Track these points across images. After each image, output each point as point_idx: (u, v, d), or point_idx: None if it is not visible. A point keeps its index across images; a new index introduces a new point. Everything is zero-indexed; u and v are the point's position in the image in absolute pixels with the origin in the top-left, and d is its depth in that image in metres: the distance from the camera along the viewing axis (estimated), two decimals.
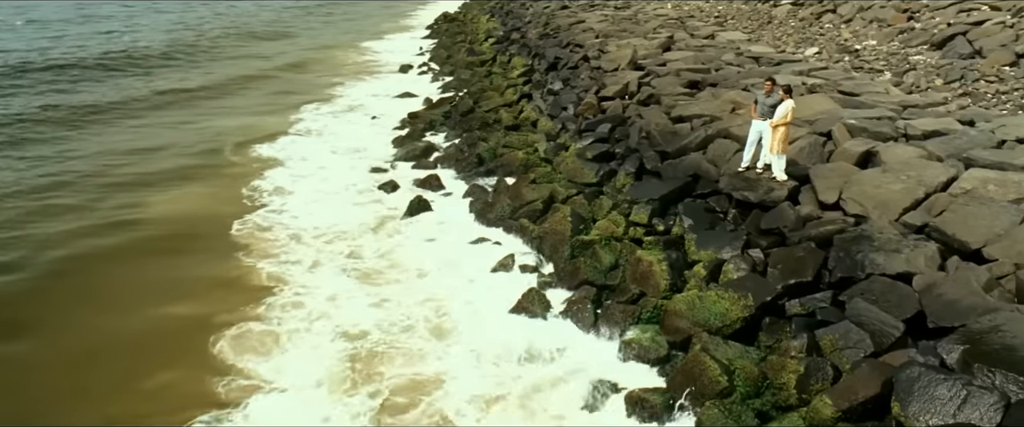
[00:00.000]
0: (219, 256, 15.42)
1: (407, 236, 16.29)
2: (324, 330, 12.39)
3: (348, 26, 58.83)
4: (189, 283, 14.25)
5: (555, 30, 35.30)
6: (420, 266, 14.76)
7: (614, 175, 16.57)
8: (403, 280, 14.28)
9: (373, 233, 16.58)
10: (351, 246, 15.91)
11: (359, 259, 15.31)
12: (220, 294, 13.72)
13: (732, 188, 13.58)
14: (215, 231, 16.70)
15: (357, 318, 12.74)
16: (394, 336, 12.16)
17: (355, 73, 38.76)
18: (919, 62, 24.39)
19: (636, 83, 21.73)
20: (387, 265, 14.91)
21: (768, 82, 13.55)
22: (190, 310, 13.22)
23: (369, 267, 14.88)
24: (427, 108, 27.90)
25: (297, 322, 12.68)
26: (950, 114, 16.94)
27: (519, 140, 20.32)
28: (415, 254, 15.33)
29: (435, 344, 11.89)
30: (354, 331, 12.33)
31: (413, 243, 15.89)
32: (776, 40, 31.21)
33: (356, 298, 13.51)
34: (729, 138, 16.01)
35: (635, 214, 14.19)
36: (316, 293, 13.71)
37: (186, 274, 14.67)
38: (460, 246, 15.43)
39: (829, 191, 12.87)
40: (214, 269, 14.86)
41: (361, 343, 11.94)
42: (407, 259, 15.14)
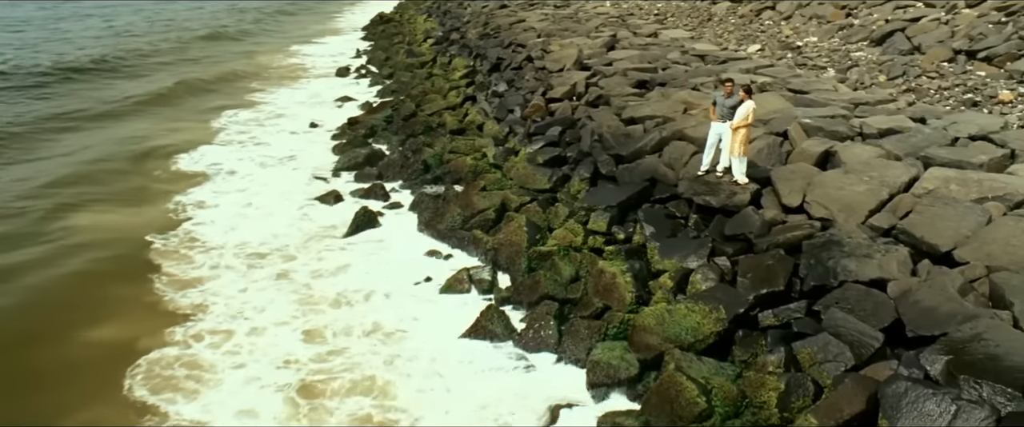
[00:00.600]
0: (140, 277, 14.22)
1: (350, 252, 15.30)
2: (256, 363, 11.30)
3: (277, 29, 56.58)
4: (107, 307, 13.09)
5: (495, 30, 34.63)
6: (365, 286, 13.77)
7: (568, 180, 15.99)
8: (346, 302, 13.25)
9: (314, 249, 15.50)
10: (287, 265, 14.76)
11: (297, 280, 14.15)
12: (140, 320, 12.60)
13: (693, 193, 13.12)
14: (136, 251, 15.45)
15: (293, 349, 11.65)
16: (336, 370, 11.10)
17: (287, 78, 37.15)
18: (861, 58, 24.54)
19: (584, 84, 21.23)
20: (329, 286, 13.83)
21: (727, 83, 13.13)
22: (107, 336, 12.10)
23: (308, 289, 13.76)
24: (367, 113, 26.90)
25: (224, 354, 11.54)
26: (900, 111, 16.89)
27: (466, 145, 19.59)
28: (360, 272, 14.38)
29: (383, 375, 10.95)
30: (290, 364, 11.25)
31: (357, 260, 14.93)
32: (717, 37, 31.18)
33: (292, 325, 12.41)
34: (684, 140, 15.59)
35: (593, 222, 13.62)
36: (246, 320, 12.59)
37: (104, 297, 13.51)
38: (409, 262, 14.60)
39: (792, 194, 12.51)
40: (134, 292, 13.70)
41: (298, 377, 10.90)
42: (351, 279, 14.14)
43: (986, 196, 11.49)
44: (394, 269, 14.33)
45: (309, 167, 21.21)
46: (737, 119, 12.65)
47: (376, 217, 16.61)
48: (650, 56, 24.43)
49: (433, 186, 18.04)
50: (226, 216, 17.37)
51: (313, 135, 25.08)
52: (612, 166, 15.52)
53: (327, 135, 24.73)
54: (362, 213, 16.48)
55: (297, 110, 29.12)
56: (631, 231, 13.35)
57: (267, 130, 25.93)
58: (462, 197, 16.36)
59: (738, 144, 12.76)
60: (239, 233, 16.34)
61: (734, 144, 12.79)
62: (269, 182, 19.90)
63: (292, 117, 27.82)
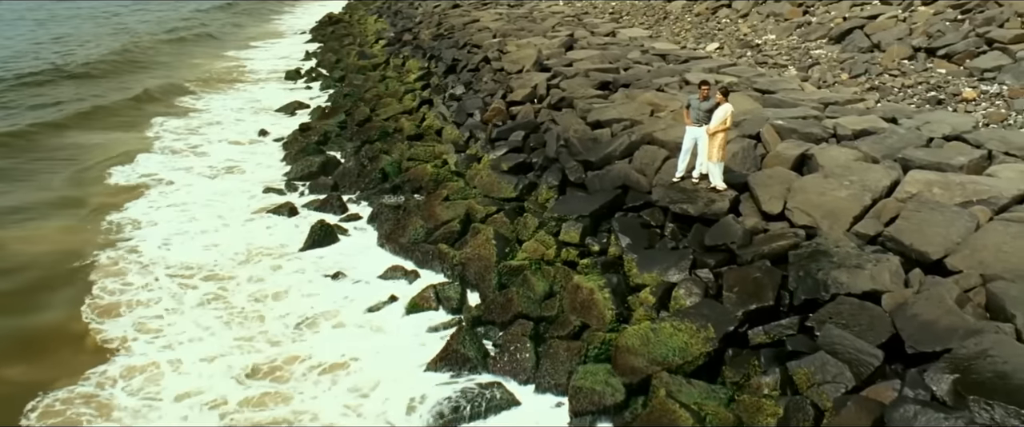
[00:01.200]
0: (64, 303, 13.08)
1: (305, 271, 14.29)
2: (179, 406, 10.07)
3: (219, 32, 54.27)
4: (21, 338, 11.97)
5: (449, 30, 33.81)
6: (320, 308, 12.81)
7: (535, 188, 15.29)
8: (295, 330, 12.15)
9: (262, 269, 14.39)
10: (230, 288, 13.57)
11: (239, 305, 12.97)
12: (56, 352, 11.47)
13: (669, 201, 12.54)
14: (64, 273, 14.27)
15: (225, 390, 10.35)
16: (274, 419, 9.86)
17: (231, 82, 35.59)
18: (821, 56, 24.38)
19: (545, 85, 20.58)
20: (277, 311, 12.72)
21: (703, 86, 12.58)
22: (11, 374, 10.95)
23: (253, 316, 12.58)
24: (319, 118, 25.80)
25: (143, 400, 10.21)
26: (870, 111, 16.61)
27: (425, 151, 18.74)
28: (314, 293, 13.39)
29: (334, 421, 9.87)
30: (218, 408, 10.04)
31: (312, 279, 13.91)
32: (675, 36, 30.87)
33: (227, 360, 11.17)
34: (654, 144, 15.03)
35: (565, 233, 12.94)
36: (174, 354, 11.34)
37: (20, 326, 12.36)
38: (370, 280, 13.73)
39: (772, 201, 12.01)
40: (56, 319, 12.58)
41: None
42: (303, 301, 13.10)
43: (970, 200, 11.13)
44: (353, 288, 13.44)
45: (259, 178, 20.12)
46: (715, 123, 12.10)
47: (334, 231, 15.68)
48: (610, 56, 23.91)
49: (392, 196, 17.16)
50: (164, 233, 16.11)
51: (262, 143, 23.93)
52: (581, 173, 14.87)
53: (277, 143, 23.61)
54: (318, 227, 15.54)
55: (244, 117, 27.81)
56: (606, 242, 12.71)
57: (211, 139, 24.43)
58: (424, 208, 15.55)
59: (716, 149, 12.23)
60: (178, 252, 15.14)
61: (712, 149, 12.25)
62: (214, 195, 18.72)
63: (238, 124, 26.51)
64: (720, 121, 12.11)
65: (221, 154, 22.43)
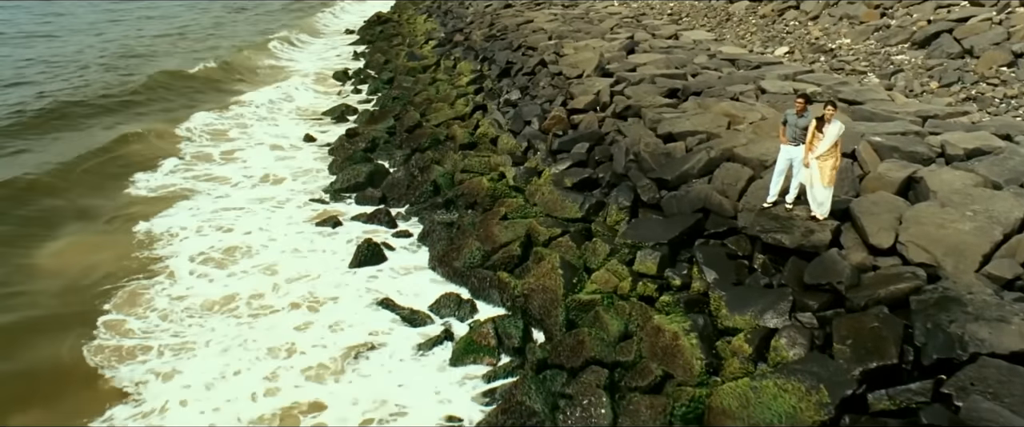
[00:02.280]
0: (81, 336, 11.90)
1: (352, 298, 13.14)
2: None
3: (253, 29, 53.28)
4: (24, 382, 10.82)
5: (502, 31, 32.58)
6: (366, 343, 11.65)
7: (602, 208, 13.92)
8: (343, 373, 10.98)
9: (305, 292, 13.34)
10: (270, 321, 12.36)
11: (280, 336, 11.85)
12: (61, 402, 10.32)
13: (760, 229, 11.07)
14: (84, 299, 13.10)
15: None
16: None
17: (277, 83, 34.37)
18: (904, 62, 22.54)
19: (608, 92, 19.20)
20: (323, 350, 11.51)
21: (800, 100, 11.07)
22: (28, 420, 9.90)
23: (296, 353, 11.42)
24: (367, 123, 24.76)
25: None
26: (977, 125, 14.89)
27: (480, 163, 17.49)
28: (360, 325, 12.23)
29: None
30: None
31: (360, 310, 12.74)
32: (739, 39, 29.18)
33: (260, 407, 10.08)
34: (736, 161, 13.56)
35: (640, 262, 11.55)
36: (200, 406, 10.22)
37: (27, 366, 11.22)
38: (421, 309, 12.51)
39: (881, 233, 10.47)
40: (68, 357, 11.44)
41: None
42: (353, 334, 11.95)
43: None
44: (401, 321, 12.22)
45: (303, 188, 19.12)
46: (827, 143, 10.60)
47: (382, 250, 14.53)
48: (676, 60, 22.41)
49: (445, 212, 15.95)
50: (199, 249, 15.14)
51: (307, 149, 22.94)
52: (654, 192, 13.47)
53: (323, 150, 22.61)
54: (366, 246, 14.40)
55: (288, 120, 26.83)
56: (687, 274, 11.29)
57: (252, 144, 23.44)
58: (481, 227, 14.30)
59: (829, 171, 10.72)
60: (213, 275, 14.08)
61: (824, 173, 10.72)
62: (253, 205, 17.76)
63: (282, 128, 25.53)
64: (831, 142, 10.60)
65: (262, 161, 21.45)
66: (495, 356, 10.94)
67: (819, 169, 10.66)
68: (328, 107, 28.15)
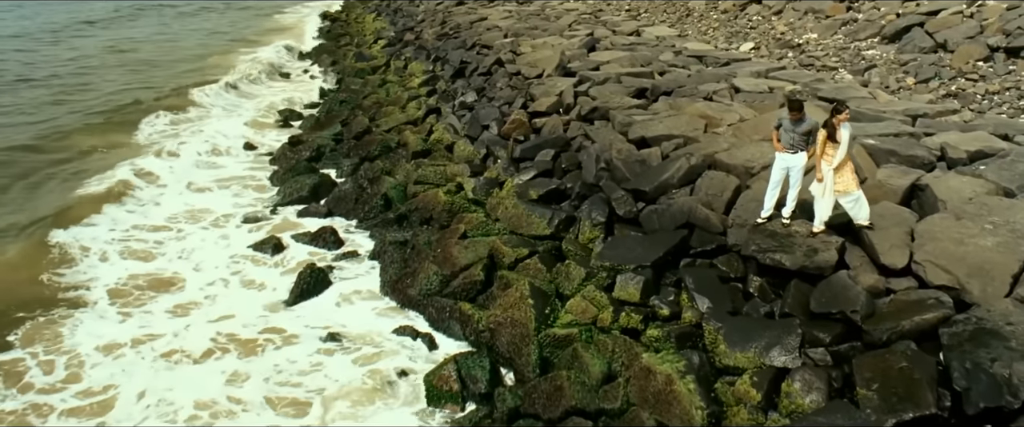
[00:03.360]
0: None
1: (288, 334, 11.50)
2: None
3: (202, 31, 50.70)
4: None
5: (455, 29, 31.05)
6: (309, 392, 10.02)
7: (573, 224, 12.52)
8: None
9: (235, 331, 11.63)
10: (188, 373, 10.59)
11: (206, 387, 10.14)
12: None
13: (756, 248, 9.76)
14: None
15: None
16: None
17: (218, 86, 31.87)
18: (875, 57, 21.64)
19: (572, 93, 17.82)
20: (255, 400, 9.87)
21: (794, 107, 9.79)
22: None
23: (224, 413, 9.73)
24: (312, 128, 23.00)
25: None
26: (971, 124, 13.89)
27: (435, 173, 15.95)
28: (301, 371, 10.57)
29: None
30: None
31: (299, 351, 11.04)
32: (702, 35, 28.15)
33: None
34: (719, 168, 12.30)
35: (621, 288, 10.17)
36: None
37: None
38: (373, 346, 10.96)
39: (894, 250, 9.25)
40: None
41: None
42: (287, 386, 10.28)
43: None
44: (351, 361, 10.64)
45: (240, 202, 17.33)
46: (842, 150, 9.36)
47: (326, 276, 12.91)
48: (641, 58, 21.17)
49: (397, 229, 14.40)
50: (115, 278, 13.29)
51: (247, 159, 21.09)
52: (631, 205, 12.11)
53: (264, 159, 20.78)
54: (308, 273, 12.76)
55: (227, 126, 24.61)
56: (674, 301, 9.94)
57: (188, 152, 21.06)
58: (438, 247, 12.77)
59: (851, 174, 9.50)
60: (131, 311, 12.21)
61: (838, 179, 9.47)
62: (184, 225, 15.91)
63: (221, 136, 23.45)
64: (845, 150, 9.36)
65: (197, 173, 19.48)
66: (459, 403, 9.45)
67: (836, 179, 9.39)
68: (272, 111, 26.15)
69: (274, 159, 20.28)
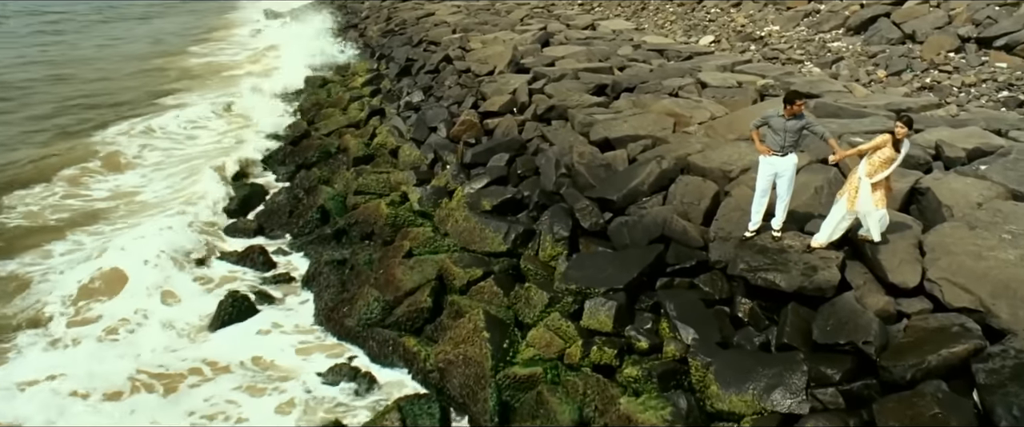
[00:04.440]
0: None
1: (206, 370, 9.86)
2: None
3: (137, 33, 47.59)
4: None
5: (401, 25, 29.44)
6: None
7: (532, 238, 11.08)
8: None
9: (149, 366, 9.99)
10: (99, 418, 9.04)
11: None
12: None
13: (747, 268, 8.44)
14: None
15: None
16: None
17: (154, 89, 29.88)
18: (842, 49, 20.72)
19: (526, 90, 16.39)
20: None
21: (795, 103, 8.48)
22: None
23: None
24: None
25: None
26: (959, 119, 12.86)
27: (378, 181, 14.36)
28: (217, 413, 9.00)
29: None
30: None
31: (215, 392, 9.43)
32: (659, 28, 27.03)
33: None
34: (693, 172, 11.00)
35: (590, 316, 8.77)
36: None
37: None
38: (305, 387, 9.37)
39: (904, 267, 8.02)
40: None
41: None
42: None
43: None
44: (274, 408, 9.04)
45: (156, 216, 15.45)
46: (895, 165, 8.13)
47: (252, 303, 11.25)
48: (598, 52, 19.86)
49: (335, 246, 12.81)
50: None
51: (176, 164, 19.15)
52: (597, 216, 10.72)
53: (193, 163, 18.89)
54: (230, 301, 11.08)
55: (162, 131, 22.52)
56: (652, 329, 8.58)
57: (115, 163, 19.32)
58: (380, 268, 11.22)
59: (883, 190, 8.23)
60: (20, 346, 10.52)
61: (879, 193, 8.18)
62: (93, 240, 14.08)
63: (159, 138, 21.38)
64: (886, 155, 8.10)
65: (119, 181, 17.57)
66: None
67: (871, 191, 8.09)
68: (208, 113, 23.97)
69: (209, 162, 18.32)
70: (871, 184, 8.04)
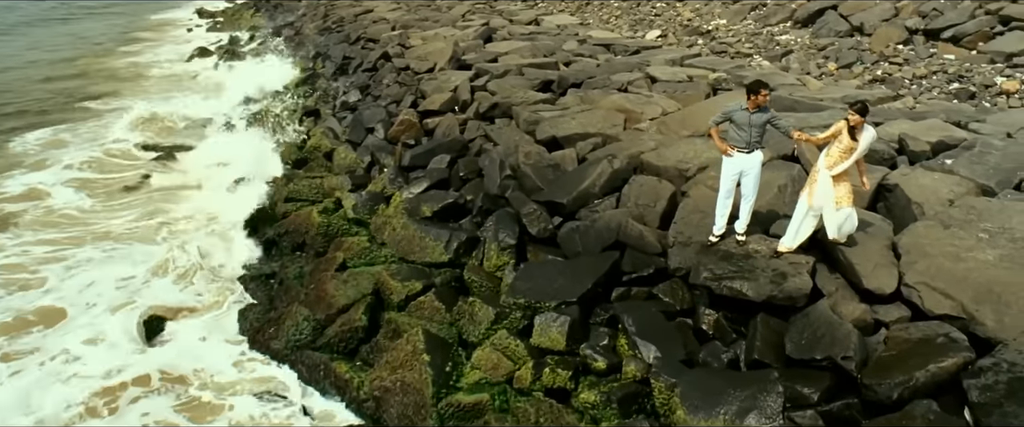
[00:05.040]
0: None
1: (119, 404, 8.79)
2: None
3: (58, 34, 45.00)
4: None
5: (338, 23, 28.27)
6: None
7: (477, 247, 10.22)
8: None
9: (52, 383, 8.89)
10: None
11: None
12: None
13: (711, 277, 7.72)
14: None
15: None
16: None
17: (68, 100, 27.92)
18: (791, 42, 20.36)
19: (468, 88, 15.53)
20: None
21: (756, 90, 7.78)
22: None
23: None
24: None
25: None
26: (917, 112, 12.44)
27: (310, 187, 13.32)
28: None
29: None
30: None
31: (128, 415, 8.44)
32: (604, 23, 26.45)
33: None
34: (647, 172, 10.28)
35: (540, 333, 7.96)
36: None
37: None
38: (229, 413, 8.37)
39: (879, 271, 7.40)
40: None
41: None
42: None
43: None
44: None
45: None
46: (857, 155, 7.44)
47: (161, 322, 10.14)
48: (543, 48, 19.11)
49: (264, 259, 11.75)
50: None
51: (90, 172, 17.71)
52: (546, 221, 9.91)
53: (110, 170, 17.50)
54: (145, 320, 9.96)
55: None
56: (609, 346, 7.80)
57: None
58: (311, 282, 10.22)
59: (848, 186, 7.56)
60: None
61: (843, 188, 7.52)
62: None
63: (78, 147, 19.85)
64: (845, 145, 7.43)
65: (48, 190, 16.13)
66: None
67: (833, 184, 7.44)
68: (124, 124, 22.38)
69: (122, 169, 17.00)
70: (831, 177, 7.41)
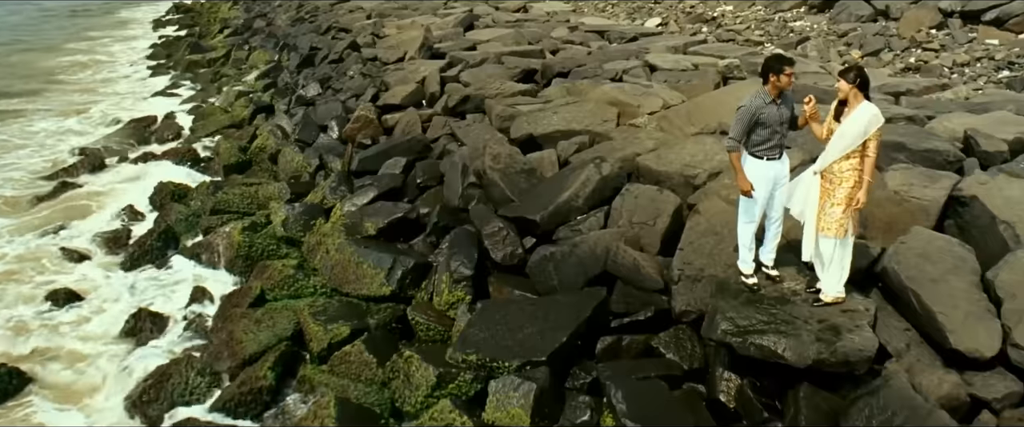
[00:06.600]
0: None
1: None
2: None
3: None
4: None
5: (312, 13, 26.06)
6: None
7: (427, 276, 8.01)
8: None
9: None
10: None
11: None
12: None
13: (731, 329, 5.50)
14: None
15: None
16: None
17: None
18: (807, 29, 18.18)
19: (437, 78, 13.31)
20: None
21: (778, 68, 5.57)
22: None
23: None
24: None
25: None
26: (974, 103, 10.24)
27: (242, 197, 11.09)
28: None
29: None
30: None
31: None
32: (600, 12, 24.27)
33: None
34: (645, 179, 8.08)
35: (498, 405, 5.78)
36: None
37: None
38: None
39: (969, 324, 5.21)
40: None
41: None
42: None
43: None
44: None
45: None
46: (848, 144, 5.29)
47: (22, 375, 7.92)
48: (529, 35, 16.92)
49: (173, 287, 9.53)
50: None
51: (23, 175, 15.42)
52: (514, 244, 7.68)
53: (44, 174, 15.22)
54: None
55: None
56: (590, 422, 5.59)
57: None
58: (218, 322, 8.01)
59: (843, 209, 5.38)
60: None
61: (837, 211, 5.35)
62: None
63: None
64: (856, 143, 5.26)
65: None
66: None
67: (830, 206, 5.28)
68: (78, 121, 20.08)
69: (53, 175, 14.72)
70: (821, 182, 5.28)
